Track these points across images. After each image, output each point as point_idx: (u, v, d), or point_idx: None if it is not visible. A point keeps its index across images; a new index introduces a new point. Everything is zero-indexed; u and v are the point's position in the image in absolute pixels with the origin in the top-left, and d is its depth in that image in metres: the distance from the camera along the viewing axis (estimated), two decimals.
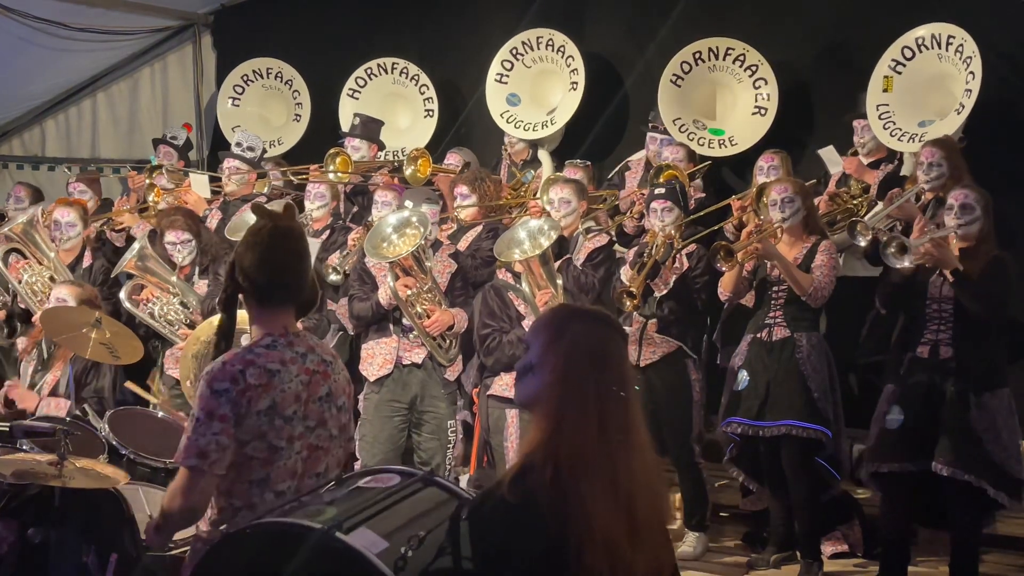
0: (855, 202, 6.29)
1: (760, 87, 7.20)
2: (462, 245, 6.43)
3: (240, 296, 3.15)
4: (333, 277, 6.24)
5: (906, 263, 4.94)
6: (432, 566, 2.54)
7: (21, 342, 6.32)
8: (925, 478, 4.94)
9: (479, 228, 6.48)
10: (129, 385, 5.68)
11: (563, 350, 2.45)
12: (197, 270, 6.35)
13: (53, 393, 5.69)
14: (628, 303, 5.54)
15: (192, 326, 6.15)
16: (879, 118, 6.51)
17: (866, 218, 5.73)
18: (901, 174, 6.35)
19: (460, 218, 6.56)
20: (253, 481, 2.98)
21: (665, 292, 5.66)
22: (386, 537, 2.65)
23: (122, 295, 6.26)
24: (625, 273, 5.69)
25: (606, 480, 2.36)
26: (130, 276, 6.42)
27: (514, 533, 2.33)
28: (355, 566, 2.56)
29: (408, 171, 7.12)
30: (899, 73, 6.55)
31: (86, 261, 6.78)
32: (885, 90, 6.54)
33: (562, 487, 2.33)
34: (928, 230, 5.00)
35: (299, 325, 3.23)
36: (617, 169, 7.45)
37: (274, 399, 2.97)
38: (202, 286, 6.28)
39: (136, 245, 6.36)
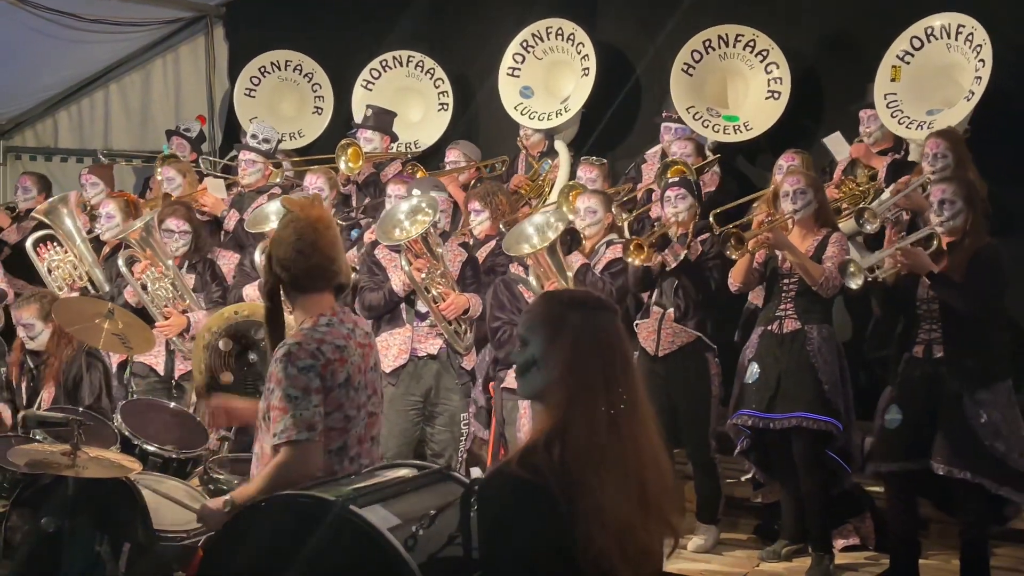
0: (861, 189, 6.28)
1: (772, 71, 7.17)
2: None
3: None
4: None
5: (859, 283, 5.01)
6: (442, 544, 2.59)
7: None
8: (930, 474, 4.92)
9: (492, 244, 6.41)
10: None
11: (568, 344, 2.45)
12: (186, 264, 6.36)
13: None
14: (636, 257, 5.54)
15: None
16: (887, 106, 6.50)
17: (873, 205, 5.73)
18: (909, 159, 6.33)
19: (475, 234, 6.52)
20: (332, 451, 3.19)
21: (675, 266, 5.63)
22: (399, 516, 2.69)
23: (120, 261, 6.26)
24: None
25: (616, 464, 2.38)
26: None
27: (522, 505, 2.36)
28: (367, 539, 2.61)
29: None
30: (907, 63, 6.53)
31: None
32: (893, 79, 6.53)
33: (570, 470, 2.35)
34: (896, 239, 5.00)
35: None
36: (634, 164, 7.43)
37: (348, 371, 3.21)
38: (188, 280, 6.30)
39: (146, 217, 6.39)
